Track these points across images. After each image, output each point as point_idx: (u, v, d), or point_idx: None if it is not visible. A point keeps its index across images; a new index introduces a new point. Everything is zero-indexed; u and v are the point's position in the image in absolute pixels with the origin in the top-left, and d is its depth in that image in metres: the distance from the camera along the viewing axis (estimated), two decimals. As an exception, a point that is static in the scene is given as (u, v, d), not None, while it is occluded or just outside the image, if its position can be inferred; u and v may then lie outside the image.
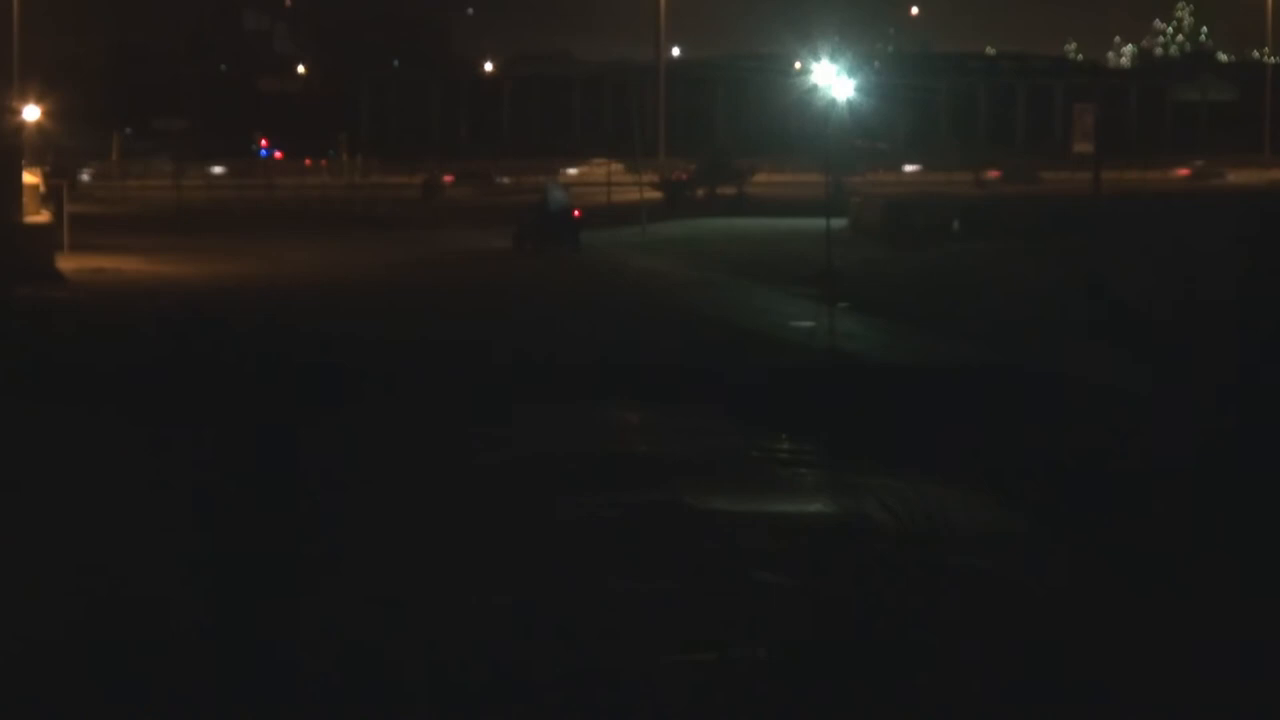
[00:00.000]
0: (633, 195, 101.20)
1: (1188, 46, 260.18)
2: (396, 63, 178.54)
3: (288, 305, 58.65)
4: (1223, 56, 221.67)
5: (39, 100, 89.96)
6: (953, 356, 47.65)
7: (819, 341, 51.24)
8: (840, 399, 41.88)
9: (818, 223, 71.09)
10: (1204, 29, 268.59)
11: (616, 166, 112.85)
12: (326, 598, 23.84)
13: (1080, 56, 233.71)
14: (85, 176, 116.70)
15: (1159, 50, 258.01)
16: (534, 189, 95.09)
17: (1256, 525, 29.12)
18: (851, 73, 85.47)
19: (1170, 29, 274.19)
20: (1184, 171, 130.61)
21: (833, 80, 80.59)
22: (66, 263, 69.75)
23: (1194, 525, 29.80)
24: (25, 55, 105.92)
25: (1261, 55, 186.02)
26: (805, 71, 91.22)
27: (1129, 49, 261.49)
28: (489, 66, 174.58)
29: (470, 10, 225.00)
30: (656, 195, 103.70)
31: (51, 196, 78.92)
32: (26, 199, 72.96)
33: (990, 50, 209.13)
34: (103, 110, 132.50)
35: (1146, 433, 37.39)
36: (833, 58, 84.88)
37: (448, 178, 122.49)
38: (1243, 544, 28.65)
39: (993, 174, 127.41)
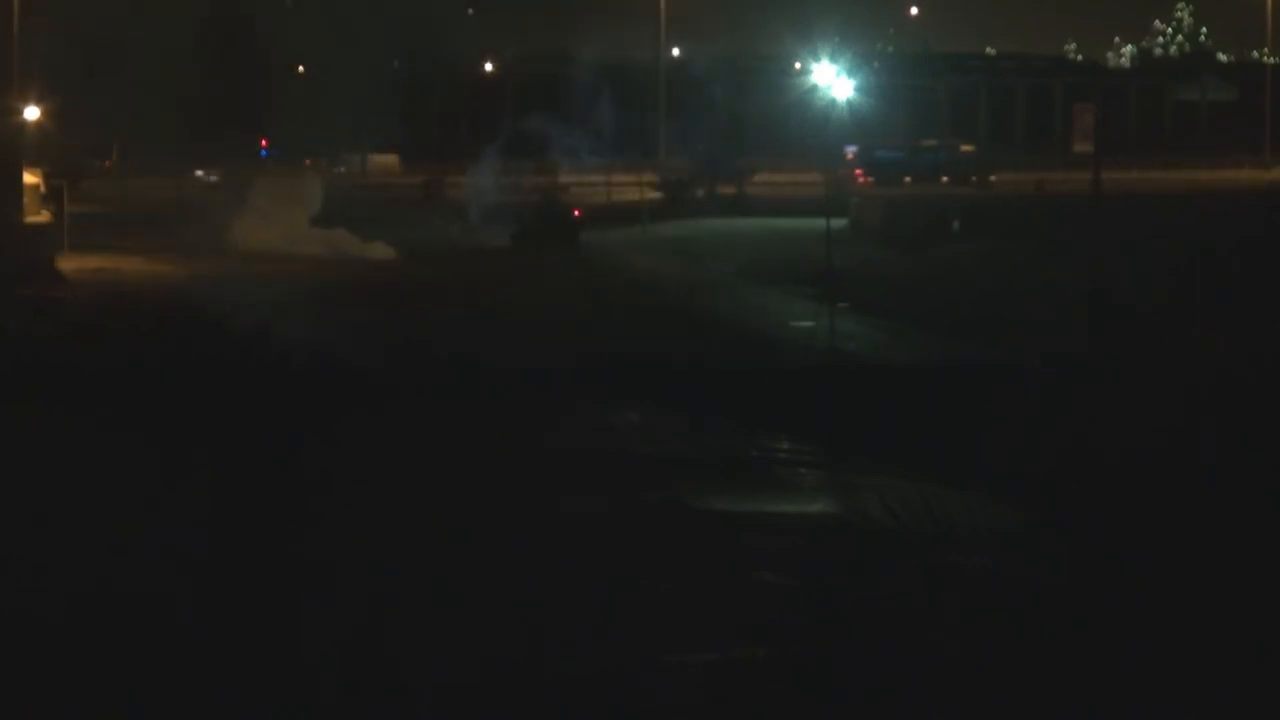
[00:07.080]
0: (633, 195, 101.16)
1: (1187, 46, 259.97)
2: (396, 63, 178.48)
3: (288, 305, 58.64)
4: (1223, 56, 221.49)
5: (39, 100, 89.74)
6: (953, 356, 47.68)
7: (819, 341, 51.26)
8: (840, 399, 41.91)
9: (818, 223, 71.03)
10: (1204, 29, 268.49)
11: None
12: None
13: (1080, 56, 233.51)
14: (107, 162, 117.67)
15: (1159, 50, 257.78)
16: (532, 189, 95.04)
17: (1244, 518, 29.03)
18: (851, 73, 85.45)
19: (1170, 29, 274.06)
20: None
21: (833, 80, 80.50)
22: (67, 263, 69.68)
23: (1186, 522, 29.73)
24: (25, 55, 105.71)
25: (1261, 55, 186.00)
26: (805, 71, 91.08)
27: (1129, 49, 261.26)
28: (489, 66, 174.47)
29: (470, 10, 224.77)
30: (656, 195, 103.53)
31: (52, 196, 78.82)
32: (27, 199, 72.88)
33: (990, 50, 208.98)
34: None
35: (1139, 433, 37.34)
36: (833, 58, 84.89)
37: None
38: (1232, 536, 28.63)
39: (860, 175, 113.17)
